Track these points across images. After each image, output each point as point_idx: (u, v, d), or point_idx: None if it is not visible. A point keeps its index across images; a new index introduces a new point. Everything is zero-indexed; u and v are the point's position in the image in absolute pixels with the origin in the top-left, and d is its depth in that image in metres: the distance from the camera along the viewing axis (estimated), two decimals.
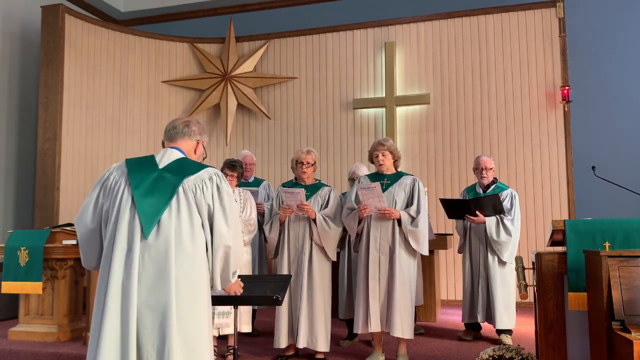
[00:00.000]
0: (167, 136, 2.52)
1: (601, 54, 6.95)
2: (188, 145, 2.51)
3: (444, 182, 7.01)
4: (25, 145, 6.99)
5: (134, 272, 2.18)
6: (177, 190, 2.30)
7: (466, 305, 4.68)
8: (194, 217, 2.30)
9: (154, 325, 2.15)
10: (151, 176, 2.33)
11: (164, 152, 2.45)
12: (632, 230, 2.76)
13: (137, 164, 2.41)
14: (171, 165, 2.38)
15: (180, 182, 2.32)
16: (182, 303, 2.19)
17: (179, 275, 2.20)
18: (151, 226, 2.23)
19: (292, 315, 4.06)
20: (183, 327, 2.18)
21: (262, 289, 2.98)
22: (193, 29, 8.35)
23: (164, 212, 2.26)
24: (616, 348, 2.26)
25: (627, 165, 6.58)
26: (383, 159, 4.06)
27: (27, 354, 4.37)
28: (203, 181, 2.34)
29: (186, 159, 2.44)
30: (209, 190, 2.34)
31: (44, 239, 4.74)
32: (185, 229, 2.27)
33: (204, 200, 2.32)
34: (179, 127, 2.50)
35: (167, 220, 2.25)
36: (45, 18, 6.67)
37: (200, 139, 2.54)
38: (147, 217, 2.24)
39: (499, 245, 4.50)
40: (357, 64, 7.49)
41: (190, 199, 2.31)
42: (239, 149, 7.58)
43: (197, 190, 2.32)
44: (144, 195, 2.28)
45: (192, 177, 2.34)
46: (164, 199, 2.28)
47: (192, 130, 2.51)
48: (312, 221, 4.04)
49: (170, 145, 2.49)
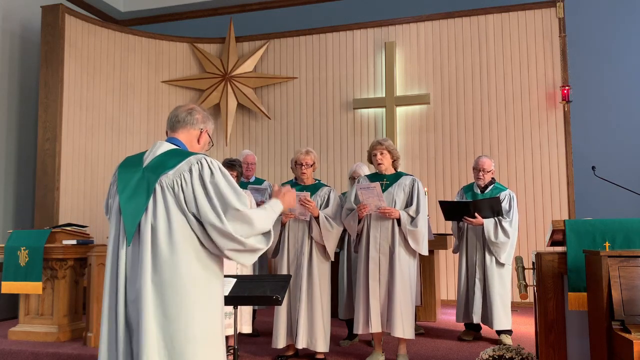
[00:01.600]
0: (169, 125, 2.33)
1: (601, 54, 6.95)
2: (190, 135, 2.32)
3: (444, 183, 7.01)
4: (25, 145, 6.99)
5: (120, 283, 2.08)
6: (152, 189, 2.11)
7: (461, 305, 4.69)
8: (173, 218, 2.07)
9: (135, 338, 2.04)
10: (135, 177, 2.17)
11: (152, 146, 2.26)
12: (632, 230, 2.76)
13: (127, 164, 2.26)
14: (153, 162, 2.18)
15: (157, 180, 2.11)
16: (165, 313, 2.03)
17: (160, 283, 2.04)
18: (131, 232, 2.09)
19: (291, 315, 4.06)
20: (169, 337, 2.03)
21: (262, 289, 2.97)
22: (193, 29, 8.35)
23: (142, 216, 2.09)
24: (616, 348, 2.26)
25: (627, 165, 6.58)
26: (381, 158, 4.06)
27: (27, 354, 4.37)
28: (182, 175, 2.11)
29: (174, 150, 2.22)
30: (188, 184, 2.10)
31: (44, 239, 4.74)
32: (162, 232, 2.06)
33: (182, 196, 2.09)
34: (181, 115, 2.31)
35: (143, 225, 2.08)
36: (45, 18, 6.67)
37: (204, 127, 2.34)
38: (128, 222, 2.10)
39: (496, 247, 4.50)
40: (357, 64, 7.49)
41: (168, 198, 2.09)
42: (239, 149, 7.58)
43: (175, 186, 2.11)
44: (127, 199, 2.13)
45: (171, 171, 2.12)
46: (142, 202, 2.11)
47: (196, 119, 2.32)
48: (315, 220, 4.04)
49: (170, 136, 2.32)
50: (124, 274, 2.08)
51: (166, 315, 2.03)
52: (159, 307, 2.03)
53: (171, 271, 2.05)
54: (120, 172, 2.23)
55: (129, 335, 2.06)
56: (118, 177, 2.22)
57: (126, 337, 2.06)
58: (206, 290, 2.12)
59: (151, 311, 2.01)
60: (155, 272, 2.05)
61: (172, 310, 2.03)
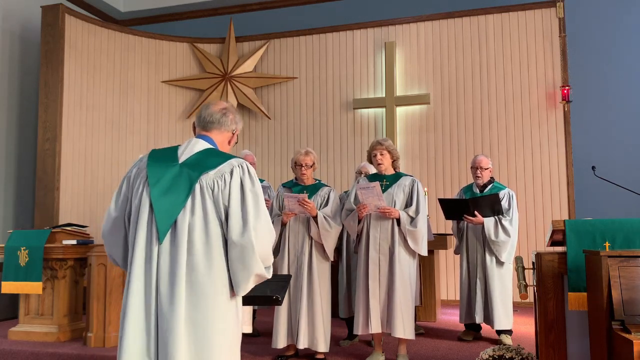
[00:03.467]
0: (202, 124, 2.23)
1: (601, 54, 6.95)
2: (223, 136, 2.24)
3: (444, 182, 7.01)
4: (25, 145, 6.99)
5: (153, 281, 2.00)
6: (193, 187, 2.04)
7: (463, 306, 4.69)
8: (210, 219, 2.02)
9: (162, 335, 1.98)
10: (170, 172, 2.08)
11: (187, 142, 2.18)
12: (632, 230, 2.76)
13: (158, 157, 2.15)
14: (192, 159, 2.11)
15: (198, 177, 2.05)
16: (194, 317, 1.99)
17: (190, 286, 1.99)
18: (166, 230, 2.01)
19: (292, 315, 4.07)
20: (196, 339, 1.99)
21: (262, 289, 2.97)
22: (193, 29, 8.35)
23: (179, 213, 2.02)
24: (616, 348, 2.26)
25: (627, 165, 6.58)
26: (381, 158, 4.06)
27: (27, 354, 4.37)
28: (223, 175, 2.06)
29: (211, 150, 2.16)
30: (227, 185, 2.04)
31: (44, 239, 4.74)
32: (199, 233, 2.01)
33: (221, 197, 2.04)
34: (216, 115, 2.22)
35: (181, 224, 2.01)
36: (45, 18, 6.67)
37: (235, 129, 2.27)
38: (162, 219, 2.02)
39: (497, 246, 4.50)
40: (357, 64, 7.49)
41: (207, 197, 2.03)
42: (239, 149, 7.57)
43: (215, 187, 2.05)
44: (162, 194, 2.04)
45: (212, 171, 2.06)
46: (180, 199, 2.03)
47: (230, 120, 2.24)
48: (313, 219, 4.04)
49: (201, 134, 2.22)
50: (155, 273, 2.01)
51: (196, 317, 1.99)
52: (191, 309, 1.99)
53: (206, 274, 1.99)
54: (151, 165, 2.12)
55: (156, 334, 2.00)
56: (149, 170, 2.10)
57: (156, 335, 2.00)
58: (232, 298, 2.09)
59: (183, 312, 1.97)
60: (190, 273, 1.99)
61: (201, 312, 2.00)
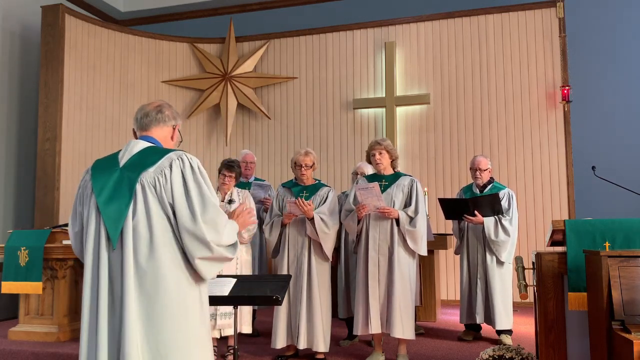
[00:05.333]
0: (140, 125, 2.20)
1: (601, 54, 6.95)
2: (164, 132, 2.21)
3: (444, 182, 7.01)
4: (25, 145, 6.99)
5: (102, 288, 1.97)
6: (134, 188, 2.00)
7: (464, 306, 4.69)
8: (154, 218, 1.99)
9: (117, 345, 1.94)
10: (112, 178, 2.05)
11: (127, 145, 2.15)
12: (632, 230, 2.76)
13: (100, 165, 2.14)
14: (131, 160, 2.07)
15: (138, 178, 2.01)
16: (149, 319, 1.95)
17: (142, 288, 1.96)
18: (116, 235, 1.97)
19: (292, 315, 4.07)
20: (154, 344, 1.95)
21: (261, 289, 2.97)
22: (193, 29, 8.35)
23: (125, 217, 1.98)
24: (616, 348, 2.26)
25: (627, 165, 6.58)
26: (380, 157, 4.06)
27: (27, 354, 4.37)
28: (163, 171, 2.02)
29: (150, 148, 2.12)
30: (168, 180, 2.01)
31: (44, 239, 4.74)
32: (143, 235, 1.97)
33: (164, 193, 2.00)
34: (152, 113, 2.19)
35: (125, 227, 1.97)
36: (45, 18, 6.67)
37: (175, 124, 2.25)
38: (111, 226, 1.98)
39: (497, 246, 4.50)
40: (357, 64, 7.49)
41: (149, 196, 1.99)
42: (239, 149, 7.58)
43: (157, 184, 2.01)
44: (107, 201, 2.01)
45: (152, 168, 2.02)
46: (124, 203, 1.99)
47: (167, 115, 2.21)
48: (310, 221, 4.04)
49: (142, 135, 2.19)
50: (106, 279, 1.98)
51: (150, 321, 1.96)
52: (142, 314, 1.95)
53: (152, 277, 1.96)
54: (94, 174, 2.10)
55: (112, 341, 1.96)
56: (93, 180, 2.08)
57: (109, 343, 1.96)
58: (189, 295, 2.04)
59: (135, 317, 1.93)
60: (137, 277, 1.96)
61: (156, 317, 1.96)
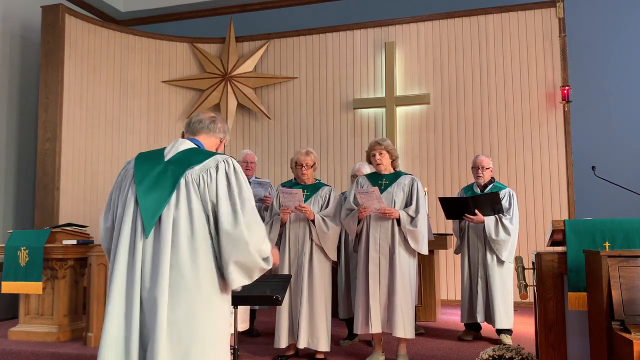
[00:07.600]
0: (190, 129, 2.29)
1: (601, 54, 6.95)
2: (211, 141, 2.30)
3: (444, 182, 7.01)
4: (25, 145, 6.99)
5: (136, 276, 2.00)
6: (178, 182, 2.06)
7: (465, 306, 4.69)
8: (195, 214, 2.03)
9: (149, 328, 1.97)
10: (156, 169, 2.11)
11: (173, 142, 2.21)
12: (632, 230, 2.76)
13: (145, 157, 2.20)
14: (178, 156, 2.14)
15: (183, 173, 2.07)
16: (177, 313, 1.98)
17: (177, 280, 1.99)
18: (151, 224, 2.02)
19: (293, 315, 4.07)
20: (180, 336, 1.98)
21: (262, 289, 2.97)
22: (193, 29, 8.35)
23: (164, 209, 2.03)
24: (616, 348, 2.26)
25: (627, 165, 6.58)
26: (380, 158, 4.06)
27: (27, 354, 4.37)
28: (209, 170, 2.08)
29: (196, 149, 2.19)
30: (213, 180, 2.07)
31: (44, 239, 4.74)
32: (184, 229, 2.02)
33: (207, 192, 2.06)
34: (205, 121, 2.30)
35: (165, 219, 2.02)
36: (45, 18, 6.67)
37: (223, 138, 2.35)
38: (147, 214, 2.03)
39: (498, 245, 4.50)
40: (357, 64, 7.49)
41: (192, 193, 2.05)
42: (239, 149, 7.58)
43: (200, 182, 2.06)
44: (147, 190, 2.07)
45: (198, 166, 2.08)
46: (164, 194, 2.04)
47: (218, 127, 2.32)
48: (311, 222, 4.04)
49: (190, 137, 2.27)
50: (139, 268, 2.01)
51: (179, 314, 1.98)
52: (173, 306, 1.98)
53: (190, 270, 2.00)
54: (138, 164, 2.16)
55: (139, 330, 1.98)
56: (135, 169, 2.13)
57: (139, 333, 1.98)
58: (221, 293, 2.10)
59: (166, 308, 1.96)
60: (173, 269, 1.99)
61: (183, 309, 1.99)
